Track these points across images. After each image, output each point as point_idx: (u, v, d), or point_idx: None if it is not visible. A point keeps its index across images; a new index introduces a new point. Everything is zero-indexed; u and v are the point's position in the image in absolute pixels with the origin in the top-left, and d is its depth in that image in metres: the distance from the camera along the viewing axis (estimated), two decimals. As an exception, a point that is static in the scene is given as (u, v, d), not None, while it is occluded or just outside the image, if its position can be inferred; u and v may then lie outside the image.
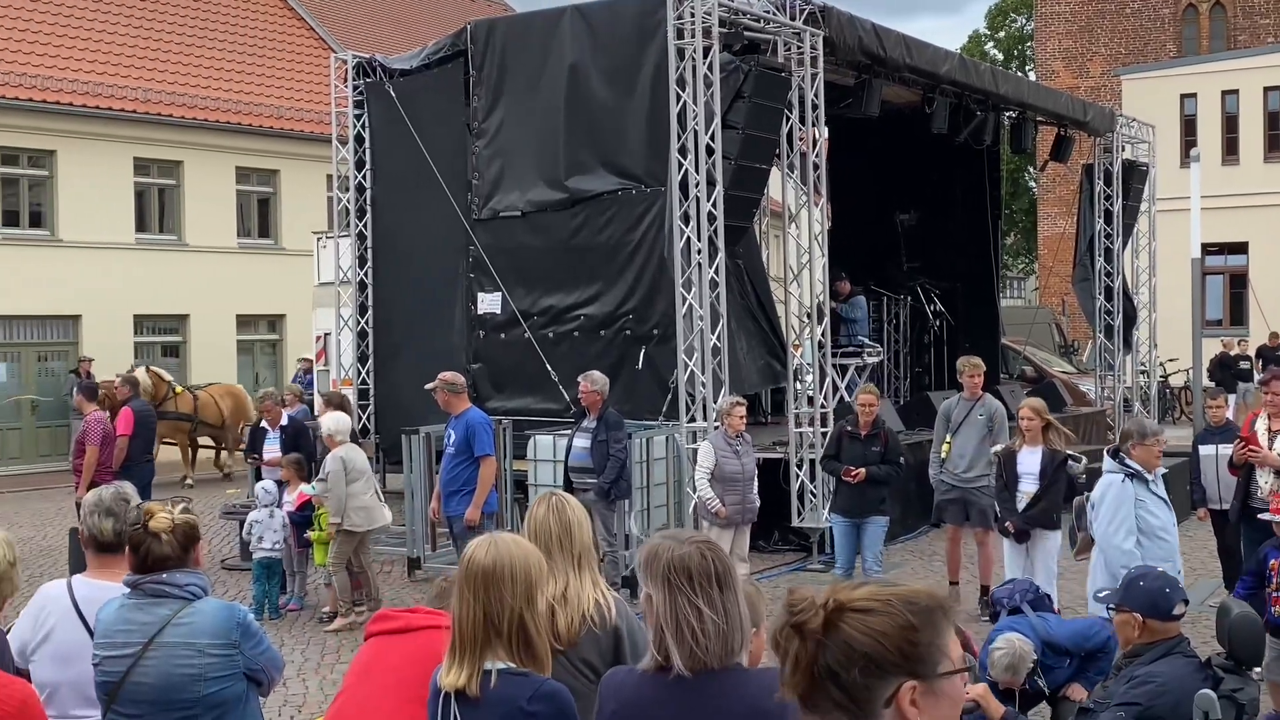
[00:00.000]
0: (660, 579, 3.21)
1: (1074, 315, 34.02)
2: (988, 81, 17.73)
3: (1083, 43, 38.96)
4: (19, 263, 23.47)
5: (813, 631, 2.09)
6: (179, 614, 4.13)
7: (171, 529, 4.19)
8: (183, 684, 4.09)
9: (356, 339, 16.68)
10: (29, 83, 23.87)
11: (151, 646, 4.10)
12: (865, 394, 11.40)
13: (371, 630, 4.41)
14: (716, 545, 3.32)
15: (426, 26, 31.55)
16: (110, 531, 4.51)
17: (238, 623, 4.19)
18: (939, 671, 2.09)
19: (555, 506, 4.21)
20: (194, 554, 4.28)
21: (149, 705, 4.10)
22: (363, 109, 16.46)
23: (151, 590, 4.17)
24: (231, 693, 4.16)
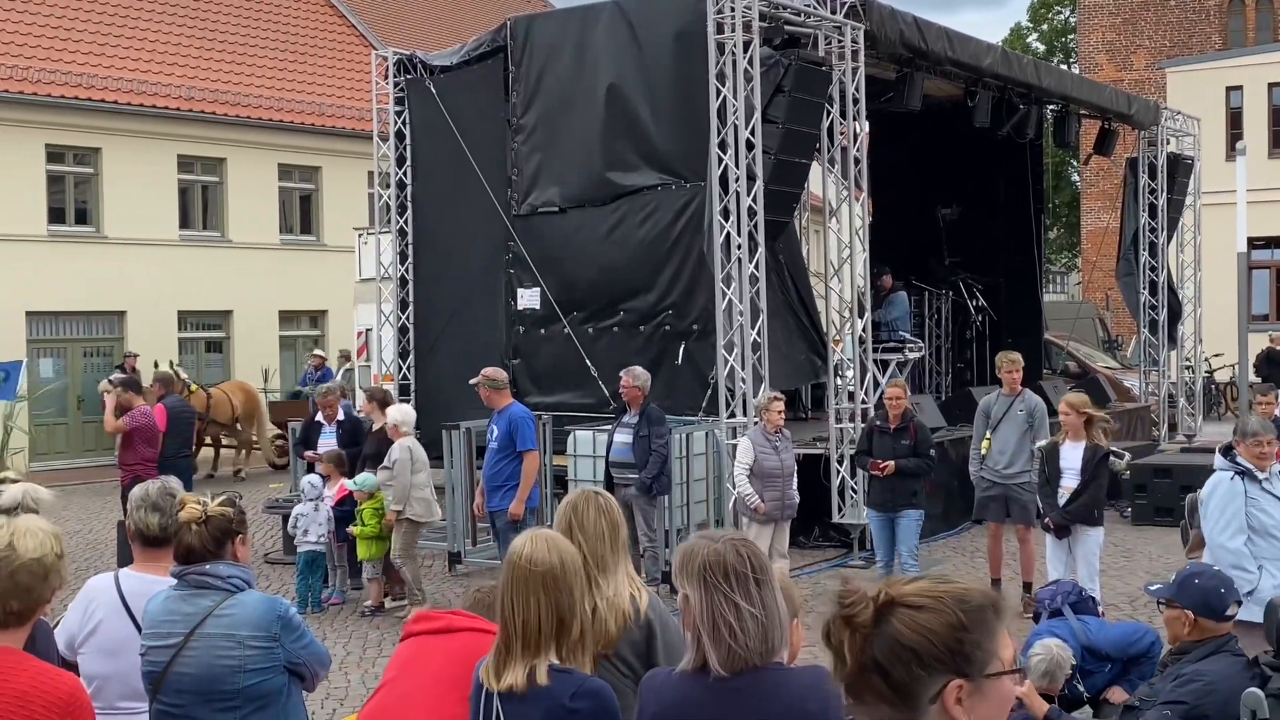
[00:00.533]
0: (696, 578, 3.19)
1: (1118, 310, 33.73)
2: (1030, 75, 17.59)
3: (1126, 35, 38.59)
4: (65, 259, 23.71)
5: (861, 624, 2.09)
6: (221, 605, 4.15)
7: (201, 520, 4.20)
8: (223, 675, 4.11)
9: (397, 335, 16.75)
10: (75, 81, 24.10)
11: (193, 637, 4.12)
12: (892, 387, 11.38)
13: (412, 630, 4.41)
14: (751, 543, 3.30)
15: (467, 23, 31.63)
16: (156, 526, 4.54)
17: (278, 615, 4.20)
18: (986, 672, 2.07)
19: (606, 507, 4.18)
20: (230, 547, 4.28)
21: (191, 695, 4.12)
22: (404, 105, 16.52)
23: (195, 581, 4.19)
24: (271, 685, 4.17)
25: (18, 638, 3.39)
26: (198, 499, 4.29)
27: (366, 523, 11.22)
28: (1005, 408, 11.30)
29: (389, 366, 17.01)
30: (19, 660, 3.35)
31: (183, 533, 4.21)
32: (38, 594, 3.39)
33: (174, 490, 4.62)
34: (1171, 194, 21.19)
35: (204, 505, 4.25)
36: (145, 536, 4.58)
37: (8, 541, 3.35)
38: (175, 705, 4.15)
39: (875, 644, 2.08)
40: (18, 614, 3.36)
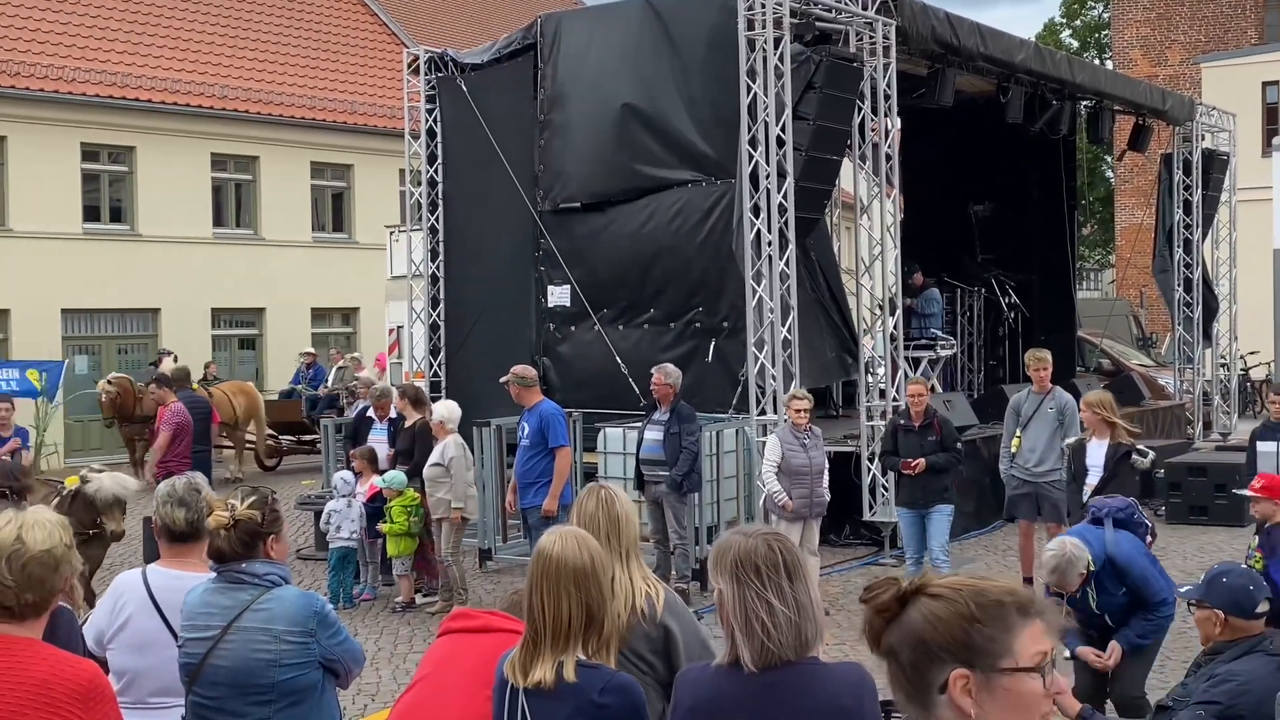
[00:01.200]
0: (729, 573, 3.20)
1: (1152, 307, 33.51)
2: (1064, 70, 17.48)
3: (1161, 30, 38.30)
4: (100, 257, 23.90)
5: (880, 608, 2.15)
6: (258, 600, 4.17)
7: (229, 525, 4.22)
8: (258, 669, 4.12)
9: (428, 332, 16.80)
10: (109, 80, 24.28)
11: (230, 630, 4.14)
12: (914, 384, 11.33)
13: (449, 627, 4.41)
14: (784, 537, 3.30)
15: (497, 20, 31.70)
16: (183, 521, 4.56)
17: (315, 611, 4.21)
18: (998, 666, 2.06)
19: (604, 500, 4.20)
20: (262, 547, 4.29)
21: (226, 688, 4.14)
22: (434, 103, 16.57)
23: (231, 578, 4.22)
24: (306, 681, 4.18)
25: (35, 628, 3.43)
26: (225, 502, 4.29)
27: (396, 520, 11.26)
28: (1035, 406, 11.24)
29: (420, 363, 17.06)
30: (38, 650, 3.39)
31: (212, 537, 4.23)
32: (50, 585, 3.42)
33: (200, 486, 4.65)
34: (1207, 190, 21.00)
35: (231, 509, 4.25)
36: (172, 532, 4.61)
37: (16, 534, 3.39)
38: (210, 698, 4.17)
39: (892, 630, 2.13)
40: (33, 605, 3.40)
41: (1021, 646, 2.08)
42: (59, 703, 3.28)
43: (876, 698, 3.36)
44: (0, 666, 3.33)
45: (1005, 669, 2.06)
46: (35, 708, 3.26)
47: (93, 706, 3.32)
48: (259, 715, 4.14)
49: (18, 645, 3.37)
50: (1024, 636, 2.08)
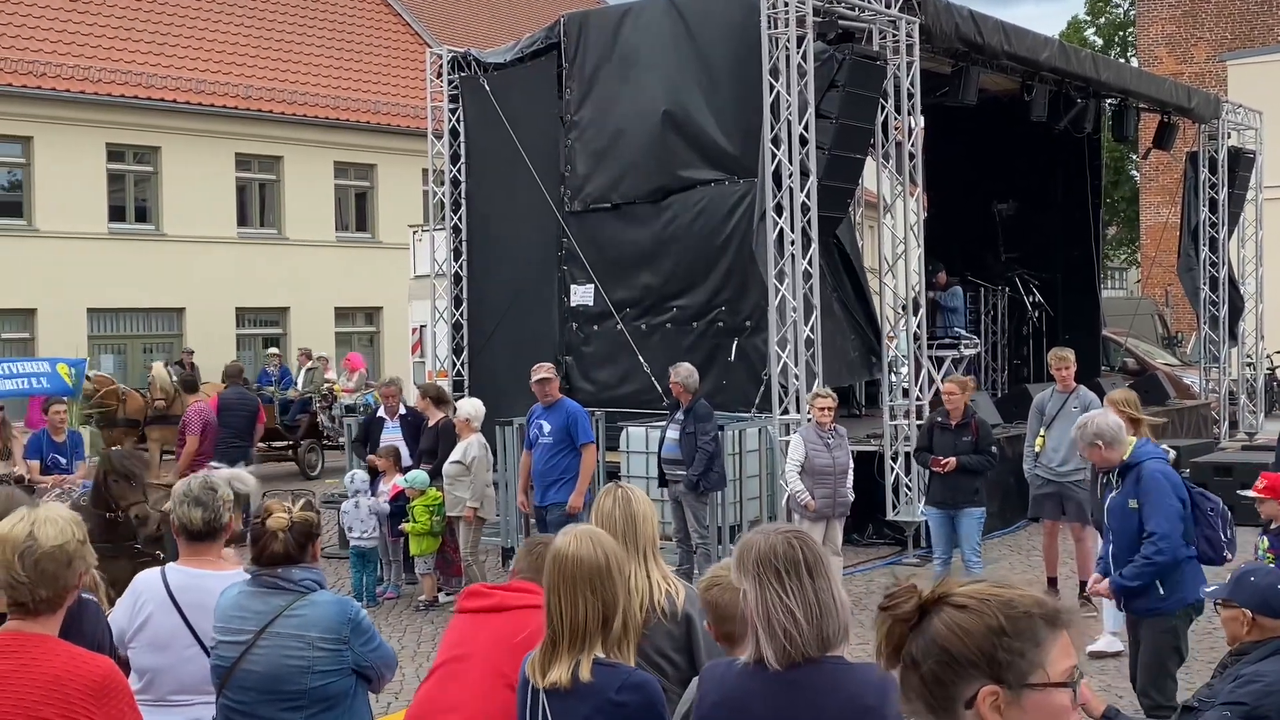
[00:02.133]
0: (751, 572, 3.20)
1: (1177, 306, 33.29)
2: (1088, 68, 17.39)
3: (1186, 28, 38.05)
4: (125, 256, 24.05)
5: (900, 617, 2.09)
6: (292, 605, 4.17)
7: (288, 527, 4.23)
8: (290, 675, 4.12)
9: (451, 331, 16.83)
10: (134, 80, 24.42)
11: (264, 635, 4.14)
12: (949, 383, 11.28)
13: (464, 607, 4.42)
14: (806, 535, 3.29)
15: (521, 20, 31.74)
16: (199, 520, 4.56)
17: (349, 619, 4.20)
18: (1028, 681, 2.02)
19: (621, 499, 4.21)
20: (312, 549, 4.32)
21: (256, 693, 4.15)
22: (458, 103, 16.59)
23: (267, 583, 4.22)
24: (338, 688, 4.18)
25: (50, 624, 3.45)
26: (284, 506, 4.31)
27: (419, 519, 11.28)
28: (1060, 405, 11.19)
29: (443, 363, 17.09)
30: (53, 645, 3.41)
31: (268, 540, 4.23)
32: (64, 580, 3.44)
33: (216, 485, 4.66)
34: (1233, 188, 20.89)
35: (289, 512, 4.27)
36: (189, 531, 4.60)
37: (28, 531, 3.41)
38: (240, 702, 4.18)
39: (914, 640, 2.07)
40: (47, 601, 3.42)
41: (1051, 661, 2.04)
42: (72, 699, 3.29)
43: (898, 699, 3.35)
44: (15, 663, 3.35)
45: (1035, 684, 2.02)
46: (49, 704, 3.28)
47: (106, 702, 3.34)
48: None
49: (32, 642, 3.39)
50: (1054, 650, 2.05)
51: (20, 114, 23.06)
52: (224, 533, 4.63)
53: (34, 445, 12.18)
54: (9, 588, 3.41)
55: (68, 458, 12.03)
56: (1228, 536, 6.91)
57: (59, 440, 12.07)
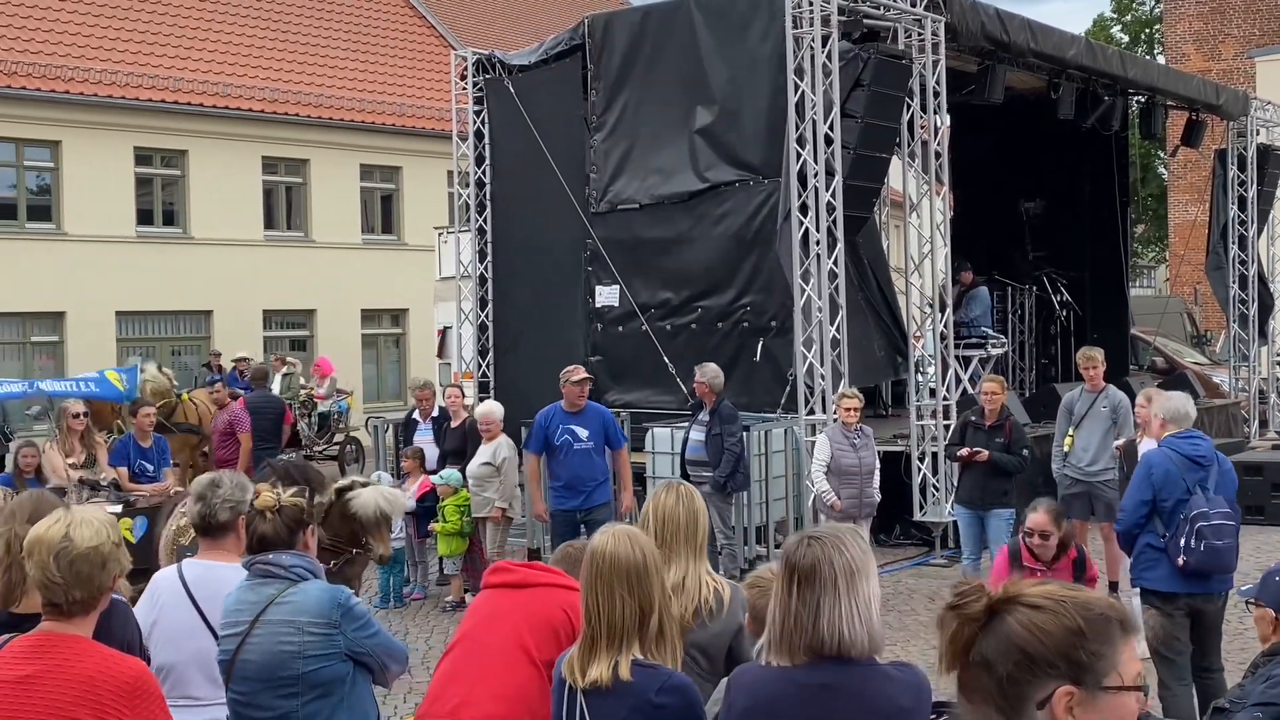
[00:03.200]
0: (789, 572, 3.21)
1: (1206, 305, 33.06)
2: (1115, 66, 17.29)
3: (1214, 25, 37.80)
4: (153, 260, 24.17)
5: (970, 617, 2.07)
6: (283, 593, 4.20)
7: (276, 508, 4.27)
8: (283, 661, 4.15)
9: (477, 332, 16.86)
10: (161, 84, 24.55)
11: (257, 624, 4.18)
12: (989, 381, 11.22)
13: (489, 582, 4.43)
14: (849, 539, 3.27)
15: (544, 22, 31.77)
16: (197, 514, 4.67)
17: (338, 604, 4.22)
18: (1104, 684, 2.02)
19: (684, 495, 4.25)
20: (303, 537, 4.35)
21: (255, 683, 4.18)
22: (482, 105, 16.63)
23: (260, 571, 4.26)
24: (331, 673, 4.19)
25: (84, 625, 3.47)
26: (273, 488, 4.35)
27: (449, 519, 11.30)
28: (1089, 404, 11.12)
29: (468, 364, 17.13)
30: (86, 646, 3.43)
31: (257, 521, 4.28)
32: (98, 582, 3.46)
33: (220, 481, 4.73)
34: (1262, 186, 20.73)
35: (278, 494, 4.31)
36: (196, 526, 4.74)
37: (64, 532, 3.43)
38: (243, 693, 4.22)
39: (986, 640, 2.05)
40: (81, 602, 3.44)
41: (1124, 664, 2.04)
42: (105, 700, 3.31)
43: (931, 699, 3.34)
44: (48, 663, 3.37)
45: (1110, 687, 2.02)
46: (82, 705, 3.30)
47: (138, 704, 3.35)
48: (287, 708, 4.16)
49: (65, 642, 3.41)
50: (1125, 653, 2.05)
51: (49, 118, 23.21)
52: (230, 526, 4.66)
53: (120, 451, 11.65)
54: (44, 588, 3.44)
55: (155, 464, 11.71)
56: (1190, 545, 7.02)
57: (145, 445, 11.72)
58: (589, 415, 10.80)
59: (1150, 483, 7.14)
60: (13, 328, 23.37)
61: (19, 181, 23.63)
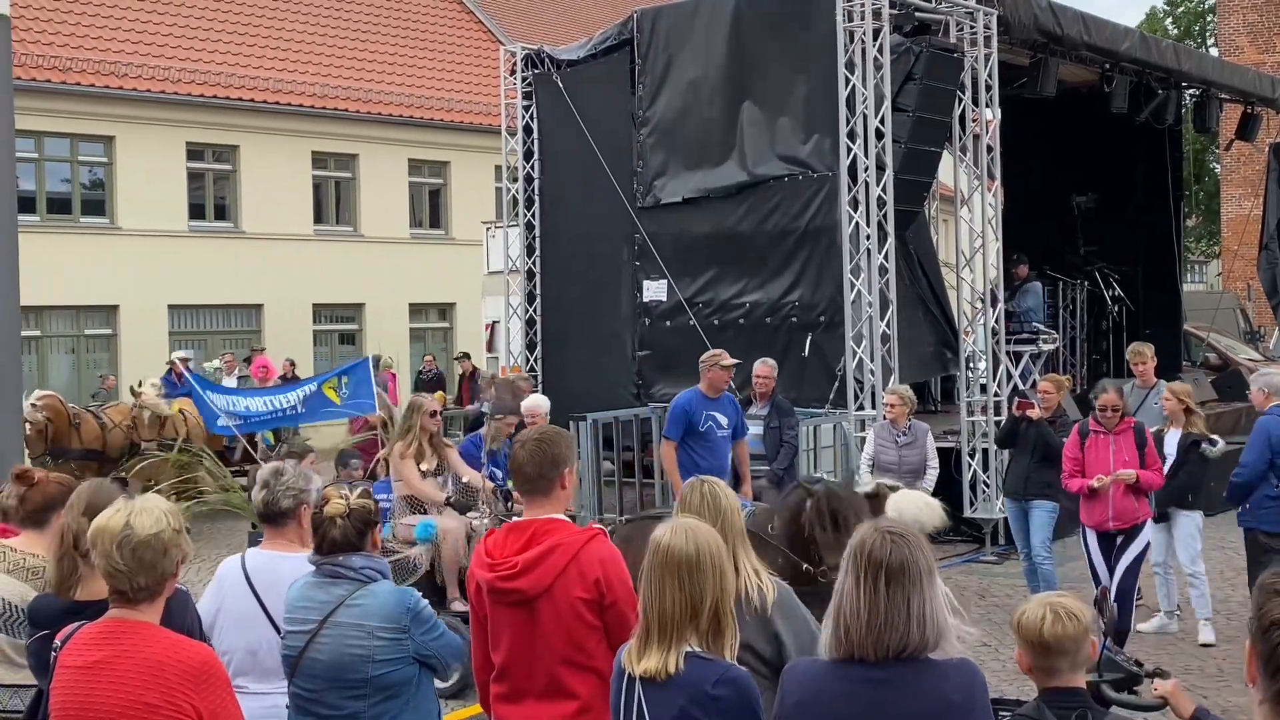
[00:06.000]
0: (854, 568, 3.22)
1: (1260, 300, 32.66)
2: (1169, 59, 17.11)
3: (1269, 17, 37.29)
4: (205, 254, 24.43)
5: None
6: (353, 595, 4.26)
7: (346, 513, 4.31)
8: (352, 663, 4.21)
9: (525, 327, 16.91)
10: (213, 80, 24.79)
11: (326, 625, 4.23)
12: (1046, 381, 11.14)
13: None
14: (917, 540, 3.27)
15: (593, 16, 31.81)
16: (260, 503, 4.78)
17: (408, 608, 4.28)
18: None
19: (708, 494, 4.23)
20: (371, 536, 4.40)
21: (322, 681, 4.25)
22: (531, 100, 16.65)
23: (328, 572, 4.32)
24: (400, 676, 4.26)
25: (151, 612, 3.52)
26: (341, 493, 4.39)
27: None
28: (1140, 400, 11.02)
29: (516, 358, 17.18)
30: (153, 632, 3.49)
31: (327, 526, 4.32)
32: (161, 569, 3.51)
33: (282, 469, 4.84)
34: (1317, 180, 20.46)
35: (346, 498, 4.36)
36: (260, 514, 4.85)
37: (125, 521, 3.49)
38: (309, 690, 4.28)
39: None
40: (146, 589, 3.49)
41: None
42: (172, 684, 3.37)
43: (987, 694, 3.32)
44: (117, 649, 3.44)
45: None
46: (150, 689, 3.36)
47: (206, 688, 3.41)
48: (354, 709, 4.23)
49: (134, 628, 3.47)
50: None
51: (102, 114, 23.49)
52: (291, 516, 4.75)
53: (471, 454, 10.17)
54: (109, 576, 3.50)
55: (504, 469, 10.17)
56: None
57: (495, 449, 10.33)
58: (725, 402, 10.46)
59: (1270, 444, 8.84)
60: (66, 320, 23.67)
61: (73, 176, 23.94)
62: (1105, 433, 9.18)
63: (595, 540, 4.25)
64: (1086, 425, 9.29)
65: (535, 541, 4.20)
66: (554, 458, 4.32)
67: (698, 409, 10.30)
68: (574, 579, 4.15)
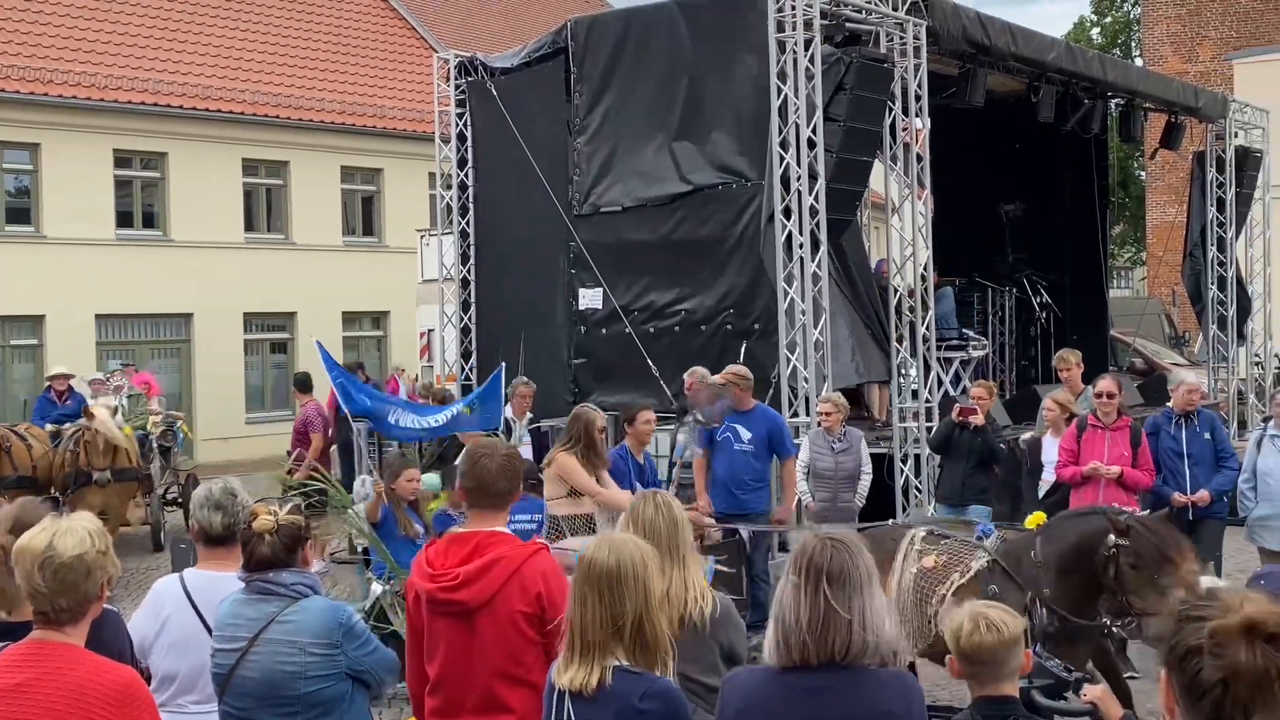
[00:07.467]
0: (798, 574, 3.25)
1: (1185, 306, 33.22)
2: (1095, 69, 17.39)
3: (1192, 27, 38.00)
4: (133, 262, 24.08)
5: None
6: (284, 611, 4.21)
7: (275, 529, 4.26)
8: (284, 681, 4.17)
9: (460, 335, 16.84)
10: (141, 86, 24.47)
11: (257, 642, 4.19)
12: (978, 387, 11.32)
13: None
14: (858, 546, 3.31)
15: (526, 24, 31.76)
16: (220, 525, 4.64)
17: (340, 623, 4.25)
18: None
19: (663, 505, 4.23)
20: (301, 553, 4.35)
21: (253, 699, 4.20)
22: (465, 108, 16.61)
23: (258, 589, 4.26)
24: (333, 693, 4.22)
25: (75, 634, 3.47)
26: (269, 509, 4.34)
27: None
28: (1069, 407, 11.20)
29: (452, 367, 17.12)
30: (76, 654, 3.44)
31: (255, 543, 4.27)
32: (84, 590, 3.46)
33: (235, 490, 4.72)
34: (1240, 188, 20.85)
35: (275, 515, 4.31)
36: (209, 535, 4.68)
37: (47, 542, 3.44)
38: (239, 708, 4.23)
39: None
40: (69, 610, 3.44)
41: None
42: (94, 708, 3.32)
43: (924, 704, 3.37)
44: (39, 671, 3.38)
45: None
46: (72, 712, 3.31)
47: (128, 711, 3.37)
48: None
49: (57, 650, 3.42)
50: None
51: (28, 120, 23.11)
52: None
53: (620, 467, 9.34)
54: (31, 597, 3.46)
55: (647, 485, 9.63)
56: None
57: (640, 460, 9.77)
58: (755, 417, 10.40)
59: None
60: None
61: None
62: (1102, 428, 9.42)
63: (538, 554, 4.26)
64: (1085, 420, 9.54)
65: (478, 553, 4.20)
66: (517, 473, 4.39)
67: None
68: (515, 592, 4.15)
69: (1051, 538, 6.80)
